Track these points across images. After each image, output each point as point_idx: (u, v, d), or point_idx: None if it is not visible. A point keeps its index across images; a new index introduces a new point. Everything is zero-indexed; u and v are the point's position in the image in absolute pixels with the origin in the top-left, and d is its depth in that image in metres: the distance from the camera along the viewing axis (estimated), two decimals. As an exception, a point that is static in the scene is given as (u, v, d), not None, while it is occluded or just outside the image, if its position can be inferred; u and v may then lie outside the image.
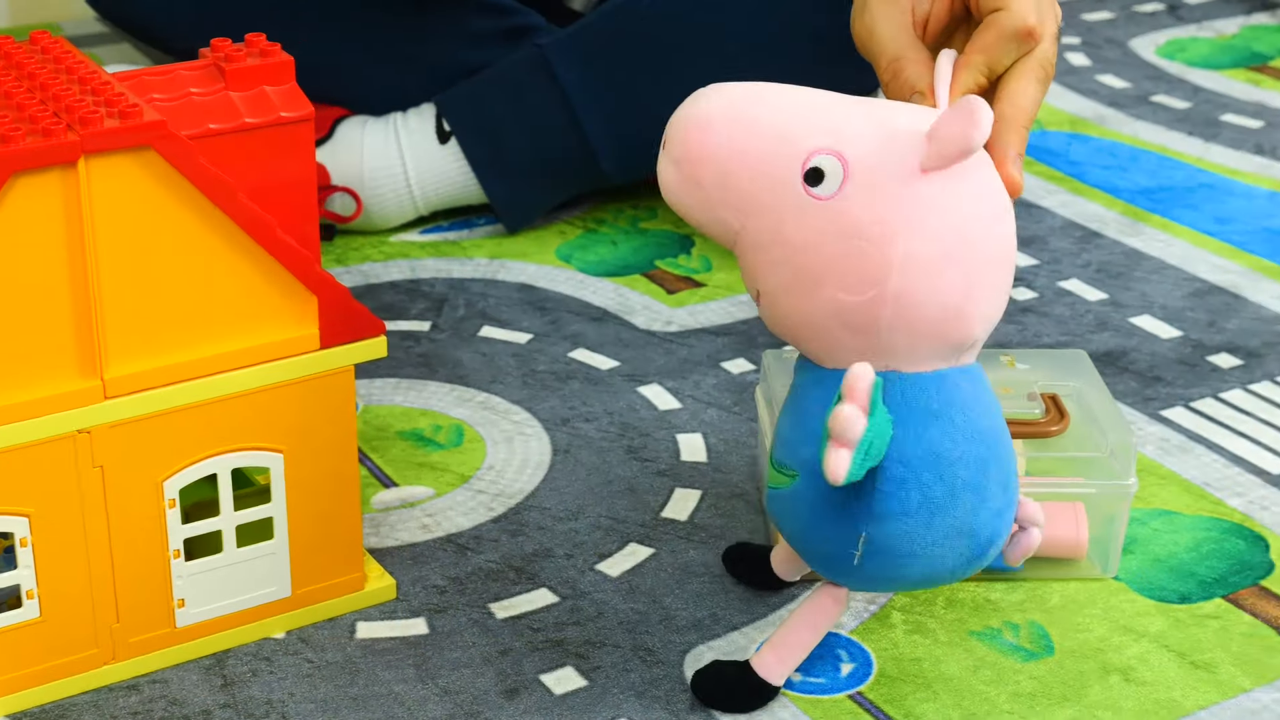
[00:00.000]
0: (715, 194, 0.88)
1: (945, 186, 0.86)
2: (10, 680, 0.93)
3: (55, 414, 0.89)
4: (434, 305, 1.37)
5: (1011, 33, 0.93)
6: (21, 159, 0.83)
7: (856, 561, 0.90)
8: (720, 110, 0.87)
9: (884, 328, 0.86)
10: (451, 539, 1.09)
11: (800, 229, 0.86)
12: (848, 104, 0.88)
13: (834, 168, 0.86)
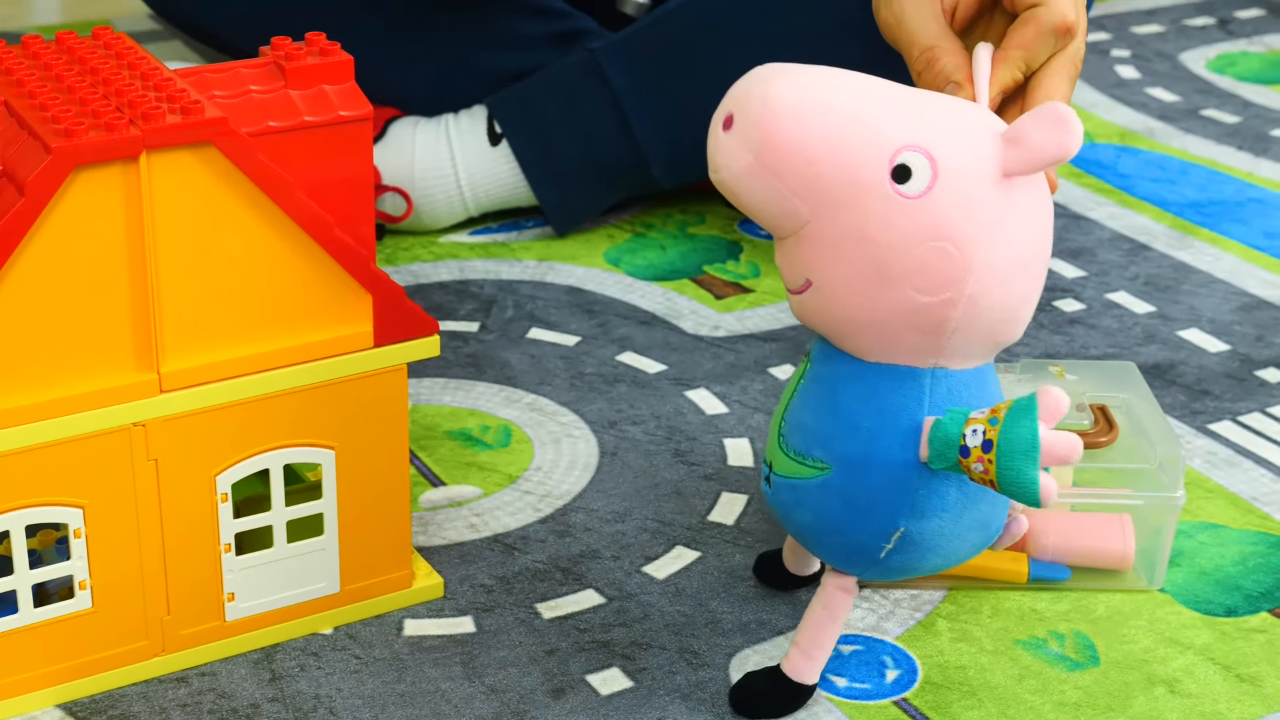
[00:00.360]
0: (794, 184, 0.84)
1: (1021, 193, 0.85)
2: (62, 670, 0.93)
3: (111, 407, 0.90)
4: (483, 306, 1.38)
5: (1050, 29, 0.93)
6: (84, 153, 0.84)
7: (884, 555, 0.90)
8: (808, 99, 0.84)
9: (951, 328, 0.86)
10: (499, 539, 1.09)
11: (882, 226, 0.84)
12: (927, 99, 0.87)
13: (922, 166, 0.84)
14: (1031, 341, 1.34)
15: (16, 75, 0.90)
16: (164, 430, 0.91)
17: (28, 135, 0.85)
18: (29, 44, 0.94)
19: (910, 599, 1.04)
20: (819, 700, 0.96)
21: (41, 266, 0.85)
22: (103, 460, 0.90)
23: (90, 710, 0.94)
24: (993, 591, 1.05)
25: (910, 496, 0.88)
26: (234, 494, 0.96)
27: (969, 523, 0.89)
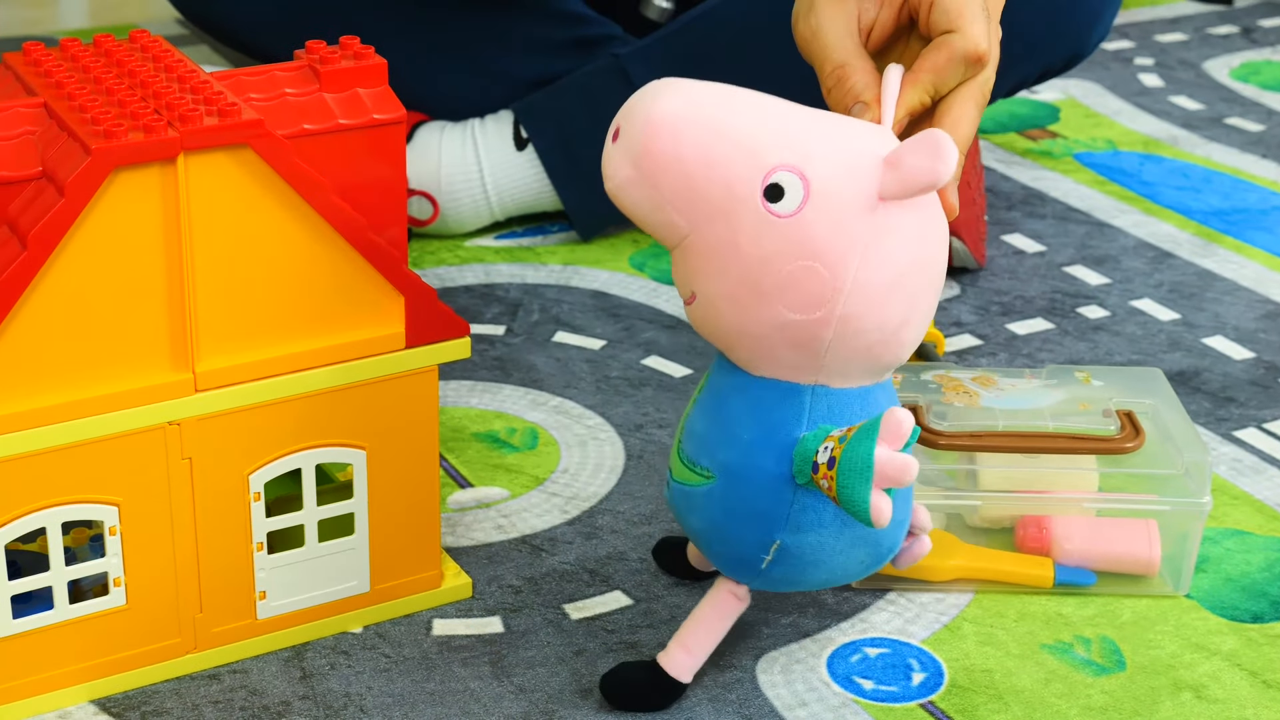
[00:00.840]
0: (670, 197, 0.86)
1: (900, 215, 0.86)
2: (95, 666, 0.94)
3: (147, 405, 0.90)
4: (508, 310, 1.39)
5: (961, 55, 0.93)
6: (124, 154, 0.85)
7: (764, 566, 0.91)
8: (688, 114, 0.85)
9: (825, 347, 0.87)
10: (526, 540, 1.10)
11: (754, 243, 0.86)
12: (812, 119, 0.88)
13: (795, 186, 0.85)
14: (1055, 348, 1.34)
15: (56, 77, 0.91)
16: (198, 429, 0.92)
17: (67, 136, 0.86)
18: (67, 46, 0.95)
19: (936, 602, 1.05)
20: (847, 703, 0.96)
21: (80, 266, 0.86)
22: (138, 458, 0.91)
23: (123, 706, 0.94)
24: (1018, 595, 1.06)
25: (785, 510, 0.90)
26: (265, 494, 0.96)
27: (850, 540, 0.91)
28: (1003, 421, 1.05)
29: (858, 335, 0.87)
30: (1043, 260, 1.49)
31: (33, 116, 0.89)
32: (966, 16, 0.93)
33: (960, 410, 1.06)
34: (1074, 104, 1.84)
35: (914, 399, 1.07)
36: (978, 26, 0.93)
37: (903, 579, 1.06)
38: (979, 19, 0.93)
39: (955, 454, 1.05)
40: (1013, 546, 1.07)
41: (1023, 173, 1.67)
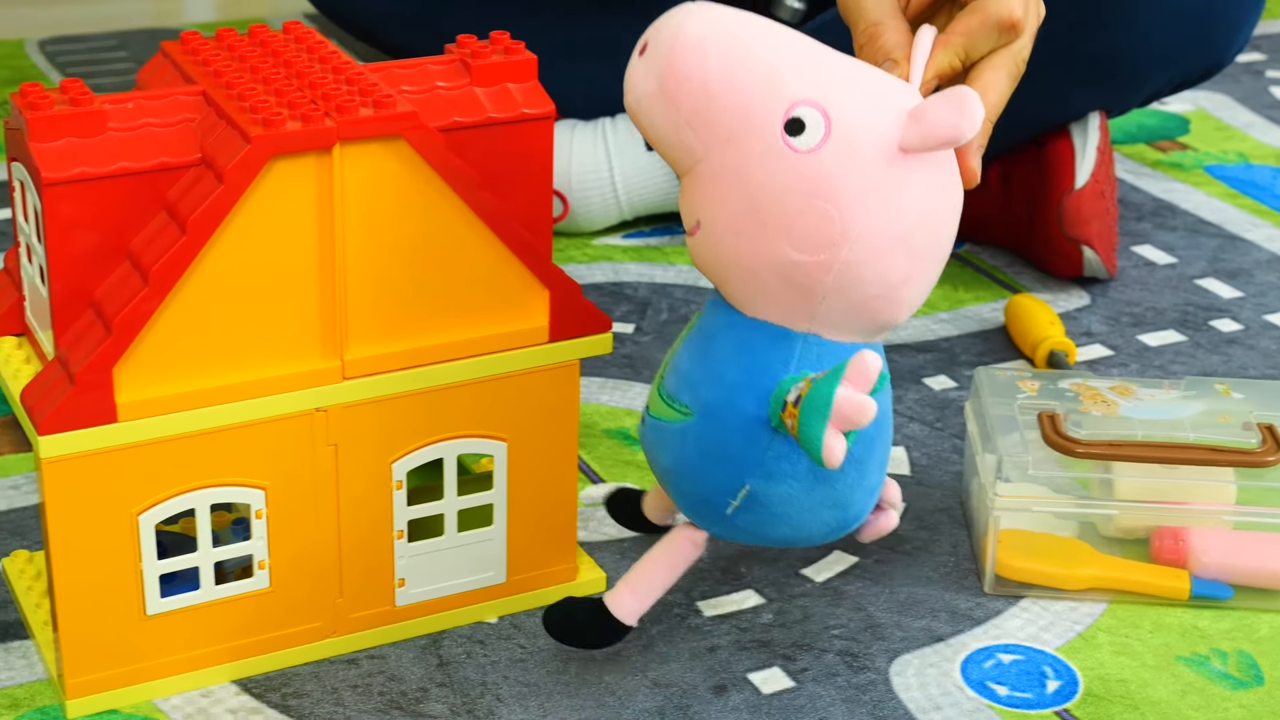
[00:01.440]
0: (689, 117, 0.85)
1: (917, 170, 0.85)
2: (238, 647, 0.96)
3: (296, 391, 0.92)
4: (637, 308, 1.39)
5: (995, 22, 0.92)
6: (282, 143, 0.86)
7: (730, 511, 0.91)
8: (715, 34, 0.84)
9: (823, 293, 0.86)
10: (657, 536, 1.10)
11: (766, 174, 0.85)
12: (843, 62, 0.87)
13: (816, 122, 0.84)
14: (1188, 360, 1.33)
15: (214, 66, 0.92)
16: (345, 416, 0.93)
17: (226, 124, 0.88)
18: (224, 36, 0.96)
19: (1070, 611, 1.04)
20: (981, 709, 0.96)
21: (236, 252, 0.88)
22: (285, 443, 0.92)
23: (264, 687, 0.96)
24: (1153, 607, 1.05)
25: (760, 454, 0.89)
26: (406, 482, 0.97)
27: (820, 498, 0.90)
28: (1141, 432, 1.04)
29: (857, 285, 0.86)
30: (1174, 272, 1.48)
31: (192, 104, 0.90)
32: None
33: (1098, 419, 1.05)
34: (1204, 116, 1.83)
35: (1051, 407, 1.07)
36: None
37: (1035, 587, 1.05)
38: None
39: (1090, 462, 1.04)
40: (1147, 557, 1.06)
41: (1153, 184, 1.66)
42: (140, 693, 0.94)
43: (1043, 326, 1.31)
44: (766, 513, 0.91)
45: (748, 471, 0.89)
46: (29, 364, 0.93)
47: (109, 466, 0.89)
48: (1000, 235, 1.49)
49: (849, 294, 0.86)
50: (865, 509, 0.93)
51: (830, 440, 0.83)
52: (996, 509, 1.03)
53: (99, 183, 0.86)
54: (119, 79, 1.88)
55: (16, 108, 0.87)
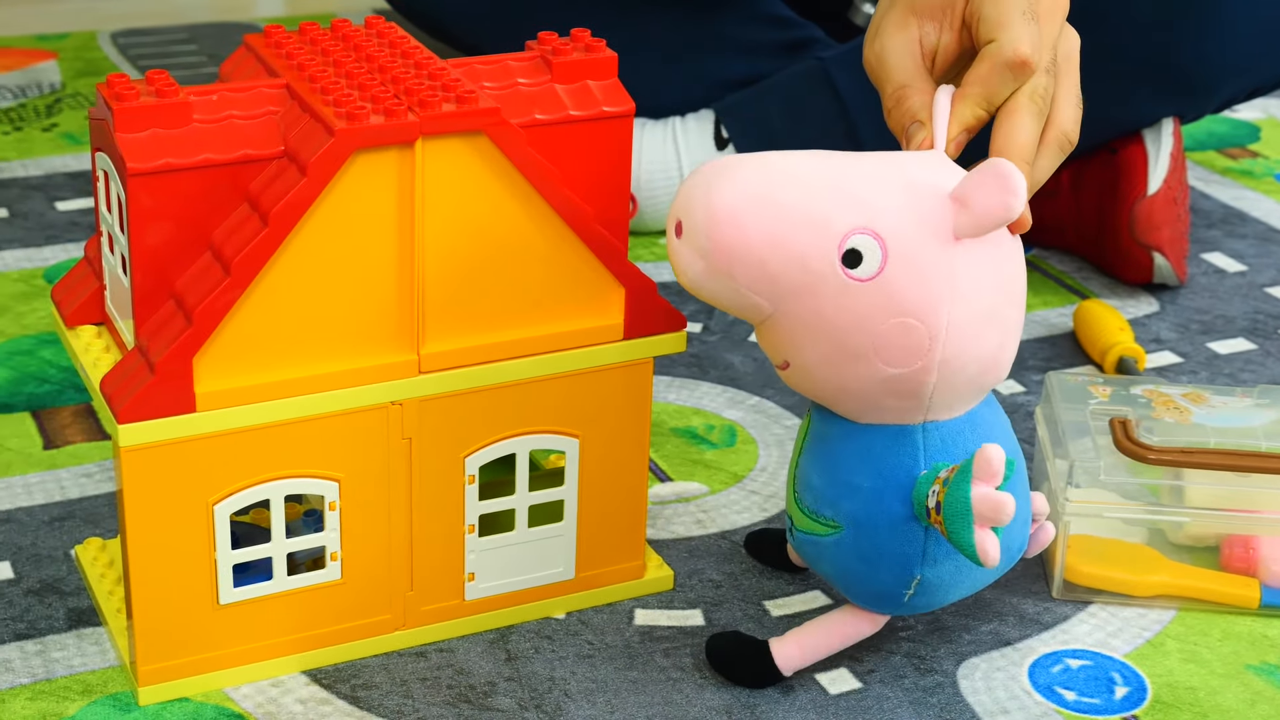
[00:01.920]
0: (748, 283, 0.86)
1: (980, 251, 0.86)
2: (309, 638, 0.96)
3: (372, 384, 0.92)
4: (705, 308, 1.40)
5: (1004, 63, 0.92)
6: (365, 136, 0.87)
7: (907, 599, 0.93)
8: (747, 200, 0.85)
9: (929, 391, 0.88)
10: (726, 535, 1.10)
11: (842, 310, 0.86)
12: (870, 171, 0.87)
13: (872, 248, 0.85)
14: (1258, 369, 1.33)
15: (297, 59, 0.93)
16: (419, 410, 0.94)
17: (310, 118, 0.88)
18: (306, 30, 0.97)
19: (1138, 617, 1.04)
20: (1049, 713, 0.96)
21: (317, 245, 0.88)
22: (360, 436, 0.93)
23: (334, 678, 0.96)
24: (1222, 615, 1.04)
25: (919, 548, 0.91)
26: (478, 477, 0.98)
27: None
28: (1213, 439, 1.04)
29: (960, 373, 0.88)
30: (1244, 280, 1.47)
31: (275, 97, 0.91)
32: (1004, 24, 0.92)
33: (1170, 426, 1.05)
34: (1275, 124, 1.82)
35: (1124, 413, 1.06)
36: (1016, 31, 0.92)
37: (1104, 593, 1.05)
38: (1018, 24, 0.92)
39: (1160, 470, 1.04)
40: (1216, 565, 1.06)
41: (1222, 191, 1.65)
42: (211, 681, 0.95)
43: (1112, 332, 1.31)
44: (942, 588, 0.93)
45: (913, 565, 0.92)
46: (108, 353, 0.94)
47: (186, 456, 0.90)
48: (1070, 240, 1.48)
49: (954, 382, 0.88)
50: (1025, 537, 0.96)
51: (981, 541, 0.85)
52: (1067, 514, 1.03)
53: (183, 174, 0.87)
54: (189, 72, 1.89)
55: (103, 98, 0.88)
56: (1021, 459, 0.95)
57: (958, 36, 0.96)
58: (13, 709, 0.93)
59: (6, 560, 1.05)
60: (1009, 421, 0.95)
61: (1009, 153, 0.92)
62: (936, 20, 0.96)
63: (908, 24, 0.96)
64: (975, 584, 0.95)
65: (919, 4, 0.96)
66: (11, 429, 1.20)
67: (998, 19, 0.93)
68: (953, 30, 0.96)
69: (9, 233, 1.50)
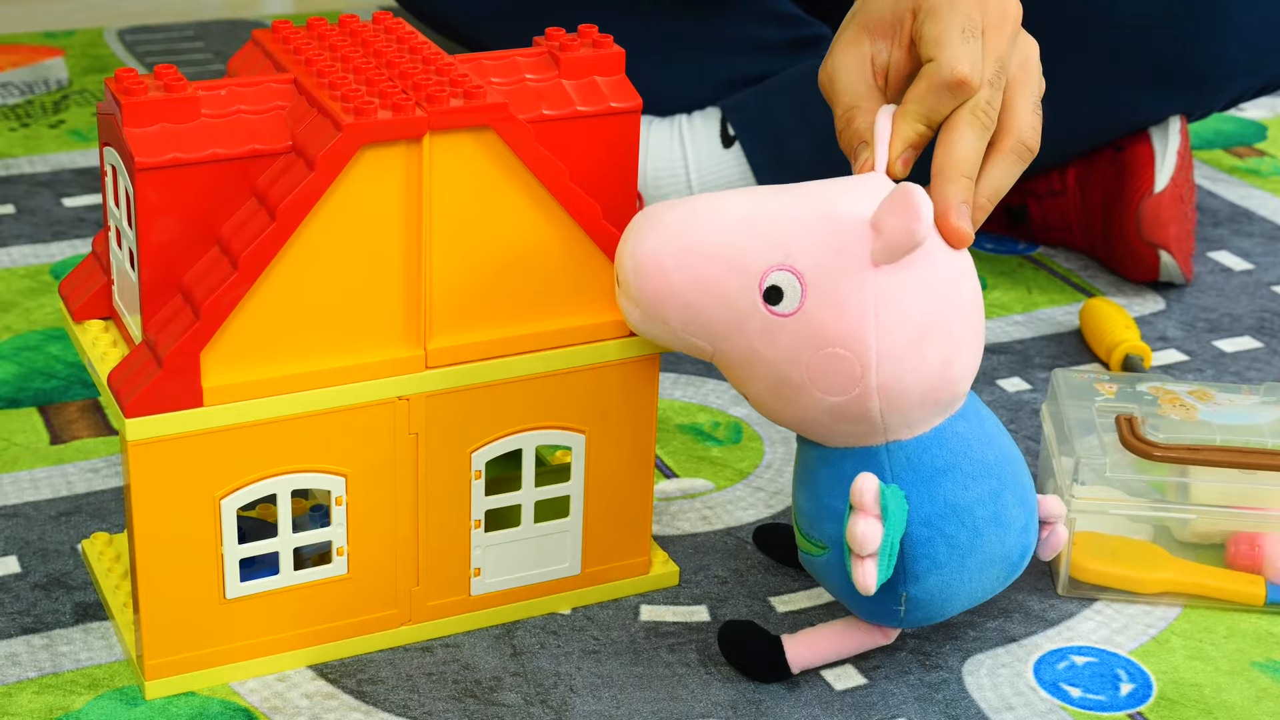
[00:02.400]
0: (682, 326, 0.89)
1: (906, 274, 0.87)
2: (315, 632, 0.96)
3: (379, 379, 0.92)
4: (710, 305, 1.39)
5: (940, 84, 0.92)
6: (373, 131, 0.87)
7: (902, 616, 0.94)
8: (669, 246, 0.88)
9: (876, 415, 0.89)
10: (731, 532, 1.11)
11: (771, 346, 0.88)
12: (785, 205, 0.88)
13: (791, 283, 0.87)
14: (1264, 367, 1.33)
15: (305, 55, 0.93)
16: (426, 405, 0.94)
17: (317, 113, 0.88)
18: (314, 25, 0.97)
19: (1144, 614, 1.04)
20: (1054, 709, 0.96)
21: (324, 240, 0.88)
22: (367, 431, 0.93)
23: (339, 673, 0.96)
24: (1228, 612, 1.05)
25: (900, 566, 0.92)
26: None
27: (977, 565, 0.93)
28: (1220, 436, 1.04)
29: (903, 394, 0.89)
30: (1250, 279, 1.47)
31: (283, 92, 0.91)
32: (942, 43, 0.93)
33: (1176, 423, 1.05)
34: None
35: (1130, 410, 1.06)
36: (954, 50, 0.92)
37: (1109, 590, 1.05)
38: (956, 43, 0.92)
39: (1166, 467, 1.04)
40: (1222, 562, 1.06)
41: (1229, 190, 1.65)
42: (218, 675, 0.95)
43: (1118, 330, 1.31)
44: (935, 601, 0.94)
45: (897, 584, 0.93)
46: (116, 347, 0.94)
47: (193, 450, 0.90)
48: (1076, 238, 1.48)
49: (900, 403, 0.89)
50: (1028, 545, 0.96)
51: (856, 571, 0.88)
52: (1072, 511, 1.03)
53: (191, 168, 0.87)
54: (196, 69, 1.90)
55: (111, 93, 0.88)
56: (1020, 468, 0.95)
57: (907, 53, 0.96)
58: (19, 703, 0.93)
59: (13, 555, 1.06)
60: (994, 429, 0.94)
61: (948, 168, 0.92)
62: (887, 38, 0.97)
63: (860, 42, 0.97)
64: (975, 595, 0.95)
65: (871, 22, 0.97)
66: (19, 424, 1.20)
67: (936, 38, 0.93)
68: (902, 47, 0.96)
69: (16, 229, 1.50)
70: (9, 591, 1.02)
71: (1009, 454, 0.95)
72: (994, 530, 0.93)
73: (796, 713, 0.95)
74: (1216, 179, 1.67)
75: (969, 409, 0.94)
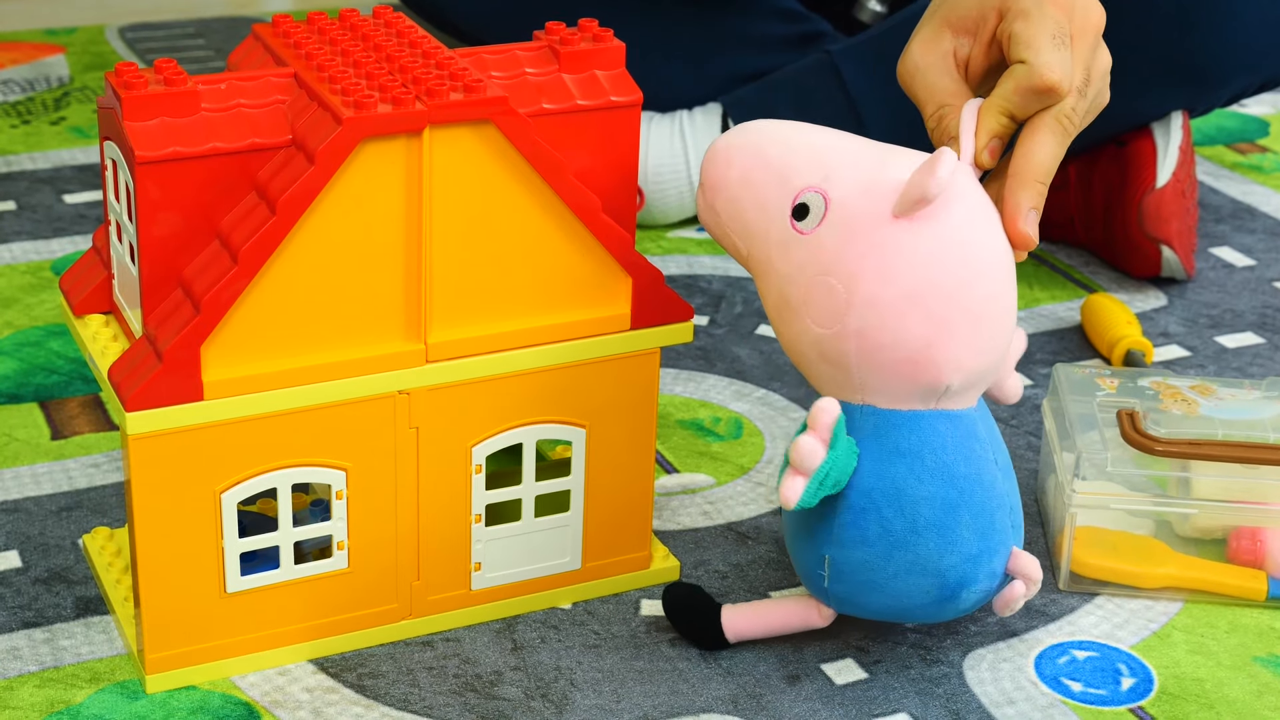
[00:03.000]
0: (726, 220, 0.94)
1: (914, 233, 0.89)
2: (315, 626, 0.96)
3: (379, 374, 0.92)
4: (711, 301, 1.40)
5: (1029, 87, 0.93)
6: (373, 125, 0.87)
7: (825, 583, 0.94)
8: (739, 145, 0.94)
9: (853, 363, 0.90)
10: (732, 527, 1.11)
11: (784, 260, 0.91)
12: (853, 147, 0.92)
13: (818, 204, 0.90)
14: (1266, 363, 1.32)
15: (305, 49, 0.93)
16: (427, 399, 0.94)
17: (318, 106, 0.88)
18: (315, 20, 0.97)
19: (1145, 609, 1.04)
20: (1055, 704, 0.96)
21: (324, 233, 0.88)
22: (367, 425, 0.93)
23: (340, 667, 0.96)
24: (1229, 607, 1.04)
25: (828, 525, 0.93)
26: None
27: (903, 564, 0.92)
28: (1221, 431, 1.04)
29: (877, 350, 0.90)
30: (1252, 275, 1.47)
31: (283, 86, 0.91)
32: (1034, 47, 0.93)
33: (1178, 418, 1.05)
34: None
35: (1131, 405, 1.06)
36: (1046, 56, 0.92)
37: (1110, 585, 1.05)
38: (1048, 49, 0.93)
39: (1168, 461, 1.04)
40: (1223, 557, 1.06)
41: (1231, 186, 1.65)
42: (218, 669, 0.95)
43: (1120, 326, 1.31)
44: (853, 581, 0.94)
45: (822, 543, 0.94)
46: (116, 341, 0.94)
47: (194, 444, 0.90)
48: (1077, 234, 1.48)
49: (873, 359, 0.90)
50: (973, 577, 0.93)
51: (784, 481, 0.89)
52: (1073, 506, 1.03)
53: (191, 162, 0.87)
54: (197, 66, 1.89)
55: (111, 87, 0.88)
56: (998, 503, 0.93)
57: (987, 51, 0.97)
58: (21, 696, 0.93)
59: (15, 549, 1.05)
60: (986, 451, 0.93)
61: (1025, 172, 0.93)
62: (970, 34, 0.97)
63: (941, 37, 0.97)
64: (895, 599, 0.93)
65: (954, 18, 0.97)
66: (20, 419, 1.20)
67: (1028, 40, 0.93)
68: (983, 45, 0.97)
69: (17, 225, 1.50)
70: (10, 586, 1.02)
71: (987, 482, 0.93)
72: (934, 538, 0.91)
73: (797, 707, 0.95)
74: (1219, 175, 1.67)
75: (965, 417, 0.93)
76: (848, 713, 0.94)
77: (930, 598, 0.94)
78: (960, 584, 0.93)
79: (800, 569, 0.96)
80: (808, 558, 0.95)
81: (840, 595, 0.95)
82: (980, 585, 0.94)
